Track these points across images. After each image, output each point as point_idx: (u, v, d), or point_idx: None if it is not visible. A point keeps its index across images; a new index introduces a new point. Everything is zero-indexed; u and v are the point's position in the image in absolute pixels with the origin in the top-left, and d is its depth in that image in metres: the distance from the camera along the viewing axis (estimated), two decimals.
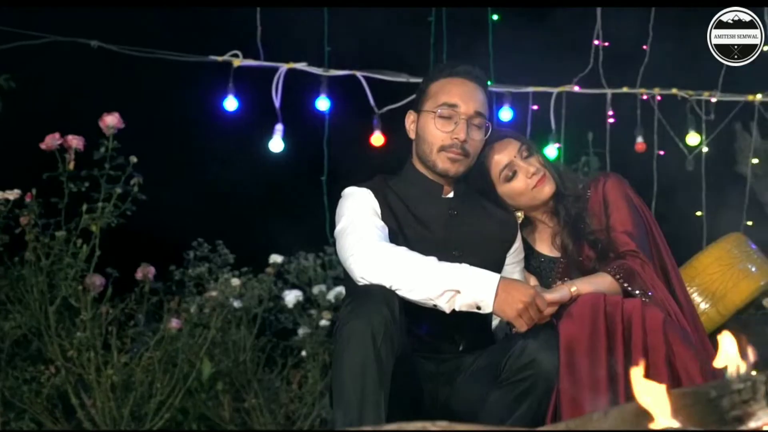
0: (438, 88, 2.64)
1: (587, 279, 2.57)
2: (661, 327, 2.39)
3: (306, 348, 4.26)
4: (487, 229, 2.69)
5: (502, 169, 2.71)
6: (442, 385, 2.54)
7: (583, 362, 2.35)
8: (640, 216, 2.76)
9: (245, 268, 4.35)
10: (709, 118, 5.01)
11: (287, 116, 4.60)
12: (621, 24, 5.02)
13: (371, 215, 2.55)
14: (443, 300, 2.32)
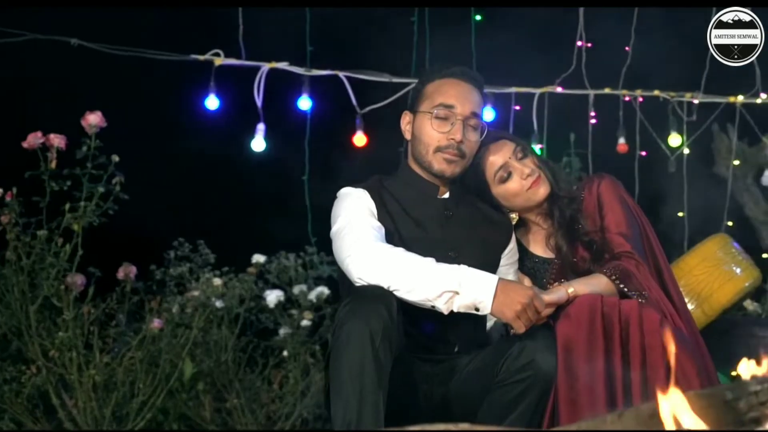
0: (434, 88, 2.67)
1: (584, 280, 2.60)
2: (659, 328, 2.42)
3: (287, 348, 4.30)
4: (482, 230, 2.72)
5: (497, 170, 2.73)
6: (437, 386, 2.55)
7: (581, 363, 2.38)
8: (634, 217, 2.79)
9: (226, 268, 4.38)
10: (691, 119, 5.07)
11: (269, 116, 4.63)
12: (604, 25, 5.09)
13: (368, 216, 2.57)
14: (441, 301, 2.35)
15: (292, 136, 4.78)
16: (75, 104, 3.49)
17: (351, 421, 2.19)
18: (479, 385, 2.46)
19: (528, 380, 2.36)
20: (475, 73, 2.72)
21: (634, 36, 4.98)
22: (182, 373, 3.71)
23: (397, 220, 2.61)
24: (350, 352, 2.23)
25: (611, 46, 5.07)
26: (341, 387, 2.23)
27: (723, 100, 5.04)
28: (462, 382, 2.53)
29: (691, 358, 2.43)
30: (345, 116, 4.74)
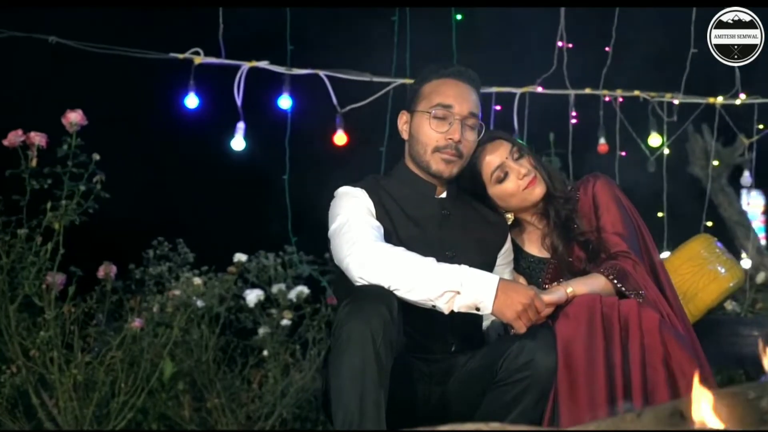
0: (431, 88, 2.70)
1: (582, 280, 2.64)
2: (658, 328, 2.47)
3: (267, 348, 4.35)
4: (478, 229, 2.77)
5: (494, 170, 2.78)
6: (434, 385, 2.58)
7: (581, 362, 2.41)
8: (630, 217, 2.84)
9: (205, 267, 4.41)
10: (672, 119, 5.15)
11: (249, 115, 4.66)
12: (585, 25, 5.16)
13: (367, 215, 2.60)
14: (442, 301, 2.38)
15: (273, 135, 4.81)
16: (55, 102, 3.50)
17: (352, 421, 2.22)
18: (478, 384, 2.50)
19: (528, 380, 2.40)
20: (472, 73, 2.76)
21: (615, 36, 5.03)
22: (162, 373, 3.73)
23: (395, 220, 2.65)
24: (351, 353, 2.25)
25: (592, 47, 5.15)
26: (342, 387, 2.26)
27: (702, 100, 5.11)
28: (460, 381, 2.56)
29: (690, 358, 2.47)
30: (325, 115, 4.78)
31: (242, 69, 4.66)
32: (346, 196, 2.67)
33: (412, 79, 4.77)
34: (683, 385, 2.40)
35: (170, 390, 4.00)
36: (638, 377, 2.41)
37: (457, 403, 2.56)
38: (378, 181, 2.75)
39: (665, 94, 5.11)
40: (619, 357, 2.43)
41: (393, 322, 2.30)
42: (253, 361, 4.37)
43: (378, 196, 2.67)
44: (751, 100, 5.03)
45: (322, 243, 4.82)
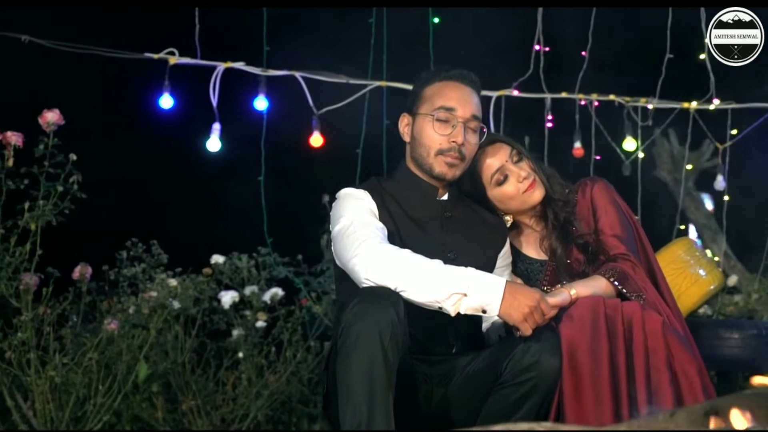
0: (433, 91, 2.77)
1: (584, 282, 2.71)
2: (661, 330, 2.54)
3: (241, 350, 4.39)
4: (479, 231, 2.83)
5: (494, 173, 2.85)
6: (436, 387, 2.63)
7: (586, 364, 2.47)
8: (628, 220, 2.91)
9: (179, 269, 4.45)
10: (646, 124, 5.27)
11: (225, 115, 4.70)
12: (562, 29, 5.26)
13: (371, 216, 2.66)
14: (450, 303, 2.42)
15: (248, 137, 4.85)
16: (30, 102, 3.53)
17: (360, 422, 2.26)
18: (481, 385, 2.54)
19: (533, 381, 2.44)
20: (473, 76, 2.81)
21: (591, 40, 5.12)
22: (137, 375, 3.76)
23: (397, 221, 2.71)
24: (359, 354, 2.29)
25: (570, 50, 5.24)
26: (350, 388, 2.29)
27: (677, 105, 5.21)
28: (463, 382, 2.60)
29: (692, 359, 2.55)
30: (301, 117, 4.83)
31: (218, 70, 4.70)
32: (349, 197, 2.72)
33: (388, 82, 4.88)
34: (686, 387, 2.48)
35: (144, 392, 4.03)
36: (642, 378, 2.48)
37: (459, 405, 2.60)
38: (380, 182, 2.80)
39: (640, 98, 5.21)
40: (623, 358, 2.50)
41: (400, 323, 2.34)
42: (228, 363, 4.41)
43: (381, 197, 2.72)
44: (724, 106, 5.16)
45: (297, 244, 4.92)
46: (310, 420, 4.71)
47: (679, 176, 6.81)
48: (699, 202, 6.95)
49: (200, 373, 4.32)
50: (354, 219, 2.61)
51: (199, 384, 4.26)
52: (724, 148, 5.20)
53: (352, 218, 2.61)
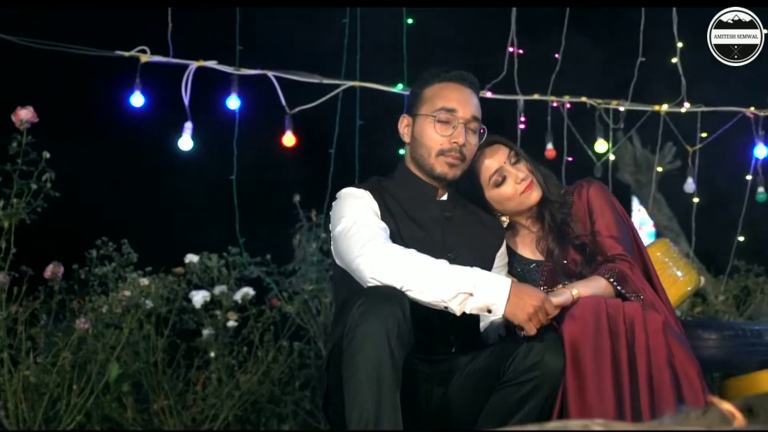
0: (434, 92, 2.83)
1: (585, 282, 2.76)
2: (662, 329, 2.60)
3: (212, 349, 4.44)
4: (478, 231, 2.90)
5: (492, 174, 2.91)
6: (436, 386, 2.67)
7: (589, 363, 2.53)
8: (624, 221, 2.99)
9: (149, 268, 4.46)
10: (618, 126, 5.39)
11: (197, 114, 4.74)
12: (536, 31, 5.37)
13: (373, 216, 2.71)
14: (456, 302, 2.47)
15: (221, 136, 4.89)
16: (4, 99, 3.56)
17: (368, 420, 2.29)
18: (483, 384, 2.59)
19: (536, 380, 2.50)
20: (473, 78, 2.88)
21: (564, 43, 5.21)
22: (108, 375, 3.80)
23: (398, 221, 2.76)
24: (367, 352, 2.32)
25: (543, 53, 5.32)
26: (357, 387, 2.32)
27: (648, 108, 5.32)
28: (464, 381, 2.64)
29: (691, 359, 2.62)
30: (274, 116, 4.87)
31: (190, 68, 4.73)
32: (350, 197, 2.77)
33: (361, 82, 4.96)
34: (686, 386, 2.55)
35: (114, 392, 4.06)
36: (645, 377, 2.54)
37: (459, 403, 2.65)
38: (380, 182, 2.86)
39: (611, 101, 5.31)
40: (625, 357, 2.55)
41: (406, 322, 2.38)
42: (199, 363, 4.46)
43: (382, 197, 2.77)
44: (694, 109, 5.30)
45: (269, 244, 4.98)
46: (280, 420, 4.78)
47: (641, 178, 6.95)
48: (661, 204, 7.08)
49: (170, 373, 4.37)
50: (357, 219, 2.65)
51: (171, 384, 4.31)
52: (693, 151, 5.34)
53: (354, 218, 2.66)
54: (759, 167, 5.33)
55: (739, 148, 5.44)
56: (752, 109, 5.31)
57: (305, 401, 4.87)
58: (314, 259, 4.91)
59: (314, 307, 4.83)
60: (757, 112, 5.30)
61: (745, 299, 5.37)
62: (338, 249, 2.68)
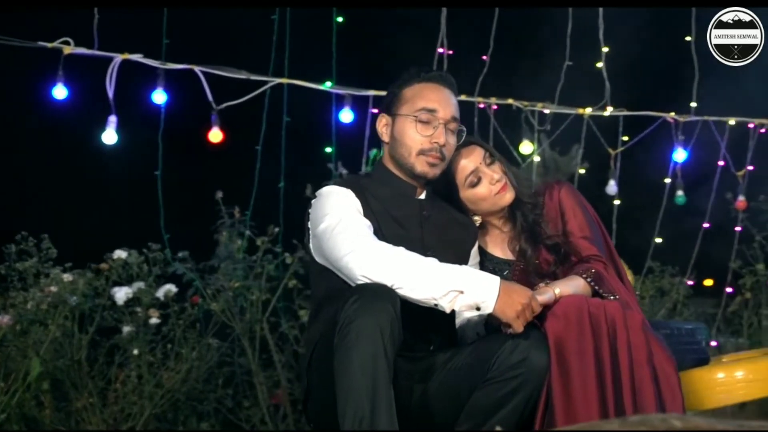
0: (414, 92, 2.91)
1: (565, 281, 2.85)
2: (641, 327, 2.70)
3: (132, 347, 4.47)
4: (453, 230, 2.99)
5: (468, 175, 3.00)
6: (416, 383, 2.73)
7: (573, 360, 2.61)
8: (594, 222, 3.10)
9: (69, 264, 4.45)
10: (544, 128, 5.59)
11: (122, 108, 4.74)
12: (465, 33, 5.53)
13: (358, 214, 2.77)
14: (446, 300, 2.54)
15: (146, 130, 4.92)
16: None
17: (363, 417, 2.35)
18: (467, 381, 2.66)
19: (522, 377, 2.58)
20: (451, 78, 2.98)
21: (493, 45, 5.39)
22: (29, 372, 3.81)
23: (380, 220, 2.82)
24: (361, 349, 2.38)
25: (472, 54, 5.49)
26: (351, 384, 2.38)
27: (572, 111, 5.55)
28: (445, 378, 2.72)
29: (669, 358, 2.72)
30: (201, 112, 4.91)
31: (115, 61, 4.73)
32: (333, 194, 2.83)
33: (290, 79, 5.06)
34: (664, 383, 2.67)
35: (35, 390, 4.08)
36: (627, 374, 2.63)
37: (440, 400, 2.72)
38: (359, 181, 2.93)
39: (537, 103, 5.51)
40: (608, 355, 2.64)
41: (397, 320, 2.45)
42: (120, 360, 4.50)
43: (363, 195, 2.84)
44: (617, 113, 5.54)
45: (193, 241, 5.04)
46: (199, 418, 4.85)
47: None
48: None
49: (89, 370, 4.39)
50: (342, 217, 2.73)
51: (93, 382, 4.34)
52: (615, 154, 5.58)
53: (339, 216, 2.73)
54: (678, 171, 5.61)
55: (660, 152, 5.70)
56: (672, 114, 5.58)
57: (228, 399, 4.95)
58: (240, 257, 4.98)
59: (240, 304, 4.91)
60: (677, 118, 5.57)
61: (659, 299, 5.62)
62: (323, 246, 2.73)
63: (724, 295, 5.85)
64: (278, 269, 5.01)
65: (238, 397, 4.99)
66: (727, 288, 5.84)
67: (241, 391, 5.00)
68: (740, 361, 3.70)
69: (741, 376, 3.56)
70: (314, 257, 2.84)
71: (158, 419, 4.59)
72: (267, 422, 4.92)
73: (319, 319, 2.82)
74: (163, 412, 4.62)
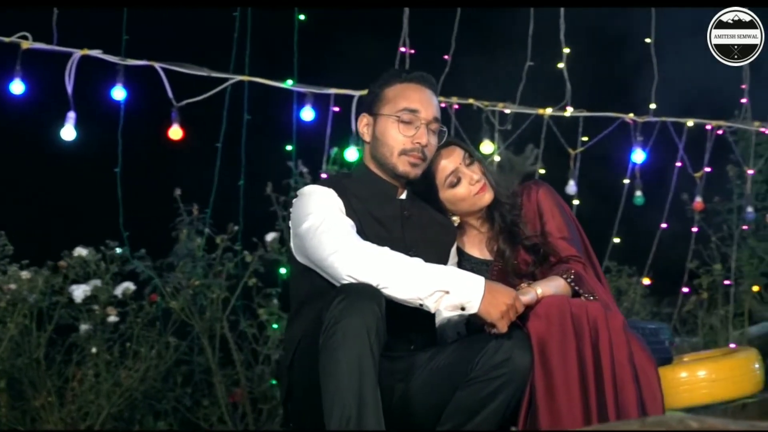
0: (396, 93, 2.92)
1: (546, 282, 2.87)
2: (622, 328, 2.72)
3: (90, 345, 4.48)
4: (434, 230, 3.02)
5: (448, 175, 3.03)
6: (397, 382, 2.73)
7: (556, 360, 2.64)
8: (573, 223, 3.12)
9: (26, 261, 4.46)
10: (505, 128, 5.66)
11: (81, 104, 4.73)
12: (427, 32, 5.58)
13: (341, 213, 2.79)
14: (432, 300, 2.57)
15: (105, 127, 4.91)
16: None
17: (350, 417, 2.37)
18: (449, 380, 2.68)
19: (505, 376, 2.60)
20: (432, 79, 3.00)
21: (455, 45, 5.45)
22: None
23: (362, 219, 2.84)
24: (348, 349, 2.40)
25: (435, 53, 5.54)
26: (338, 384, 2.39)
27: (532, 111, 5.63)
28: (427, 377, 2.73)
29: (648, 357, 2.76)
30: (161, 109, 4.91)
31: (74, 56, 4.73)
32: (315, 194, 2.84)
33: (250, 77, 5.08)
34: (645, 382, 2.71)
35: None
36: (609, 374, 2.65)
37: (422, 400, 2.73)
38: (340, 180, 2.94)
39: (498, 103, 5.58)
40: (590, 354, 2.67)
41: (383, 320, 2.47)
42: (78, 358, 4.51)
43: (345, 195, 2.85)
44: (577, 113, 5.63)
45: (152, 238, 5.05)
46: (155, 417, 4.87)
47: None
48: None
49: (46, 369, 4.40)
50: (325, 216, 2.74)
51: (51, 380, 4.35)
52: (575, 154, 5.67)
53: (323, 215, 2.75)
54: (637, 171, 5.71)
55: (619, 153, 5.80)
56: (631, 115, 5.68)
57: (186, 398, 4.97)
58: (201, 255, 5.01)
59: (200, 303, 4.94)
60: (635, 118, 5.68)
61: (617, 299, 5.71)
62: (306, 246, 2.75)
63: (680, 295, 5.95)
64: (237, 267, 5.04)
65: (197, 396, 5.00)
66: (683, 288, 5.95)
67: (199, 389, 5.02)
68: (702, 360, 3.78)
69: (704, 375, 3.65)
70: (295, 257, 2.87)
71: (115, 418, 4.60)
72: (226, 421, 4.94)
73: (301, 319, 2.83)
74: (120, 411, 4.62)
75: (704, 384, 3.60)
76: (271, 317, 5.05)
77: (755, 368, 3.80)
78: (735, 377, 3.73)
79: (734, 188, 5.96)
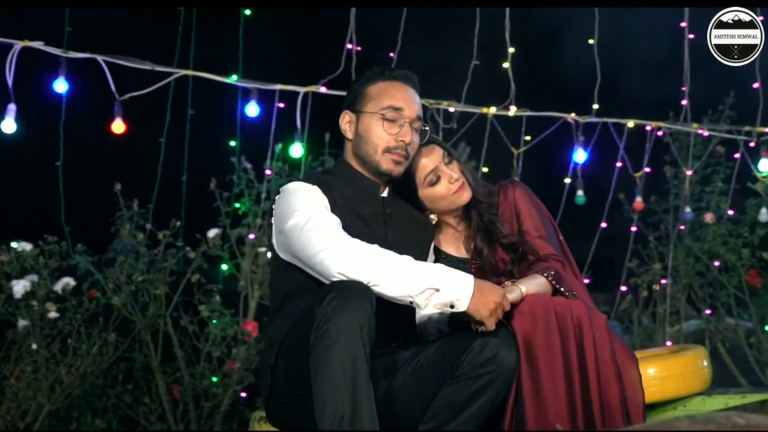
0: (379, 91, 2.96)
1: (528, 280, 2.92)
2: (605, 326, 2.79)
3: (29, 341, 4.49)
4: (414, 228, 3.06)
5: (428, 174, 3.07)
6: (380, 379, 2.74)
7: (542, 357, 2.69)
8: (549, 222, 3.18)
9: None
10: (450, 126, 5.74)
11: (22, 97, 4.72)
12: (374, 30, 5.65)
13: (327, 211, 2.81)
14: (422, 297, 2.61)
15: (47, 120, 4.90)
16: None
17: (344, 415, 2.38)
18: (434, 377, 2.73)
19: (491, 374, 2.65)
20: (415, 77, 3.03)
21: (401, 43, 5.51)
22: None
23: (345, 217, 2.85)
24: (342, 346, 2.41)
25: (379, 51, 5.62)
26: (332, 382, 2.40)
27: (476, 110, 5.71)
28: (411, 375, 2.77)
29: (630, 355, 2.86)
30: (104, 102, 4.90)
31: (15, 48, 4.72)
32: (300, 191, 2.86)
33: (194, 71, 5.11)
34: (627, 379, 2.79)
35: None
36: (593, 370, 2.72)
37: (405, 397, 2.77)
38: (323, 177, 2.96)
39: (442, 101, 5.66)
40: (575, 352, 2.72)
41: (373, 317, 2.50)
42: (16, 355, 4.51)
43: (329, 192, 2.87)
44: (520, 113, 5.75)
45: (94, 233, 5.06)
46: (93, 414, 4.88)
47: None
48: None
49: None
50: (312, 213, 2.77)
51: None
52: (518, 154, 5.79)
53: (309, 213, 2.77)
54: (578, 171, 5.85)
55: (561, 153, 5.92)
56: (573, 115, 5.81)
57: (126, 395, 4.99)
58: (143, 250, 5.02)
59: (142, 299, 4.96)
60: (577, 119, 5.81)
61: None
62: (293, 243, 2.77)
63: (618, 294, 6.10)
64: (179, 264, 5.06)
65: (137, 393, 5.02)
66: (621, 287, 6.09)
67: (140, 387, 5.04)
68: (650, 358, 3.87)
69: (654, 373, 3.73)
70: (278, 253, 2.89)
71: (52, 416, 4.60)
72: (167, 419, 4.97)
73: (283, 316, 2.86)
74: (58, 409, 4.63)
75: (655, 381, 3.67)
76: (212, 314, 5.09)
77: (704, 365, 3.91)
78: (685, 374, 3.80)
79: (671, 188, 6.11)
